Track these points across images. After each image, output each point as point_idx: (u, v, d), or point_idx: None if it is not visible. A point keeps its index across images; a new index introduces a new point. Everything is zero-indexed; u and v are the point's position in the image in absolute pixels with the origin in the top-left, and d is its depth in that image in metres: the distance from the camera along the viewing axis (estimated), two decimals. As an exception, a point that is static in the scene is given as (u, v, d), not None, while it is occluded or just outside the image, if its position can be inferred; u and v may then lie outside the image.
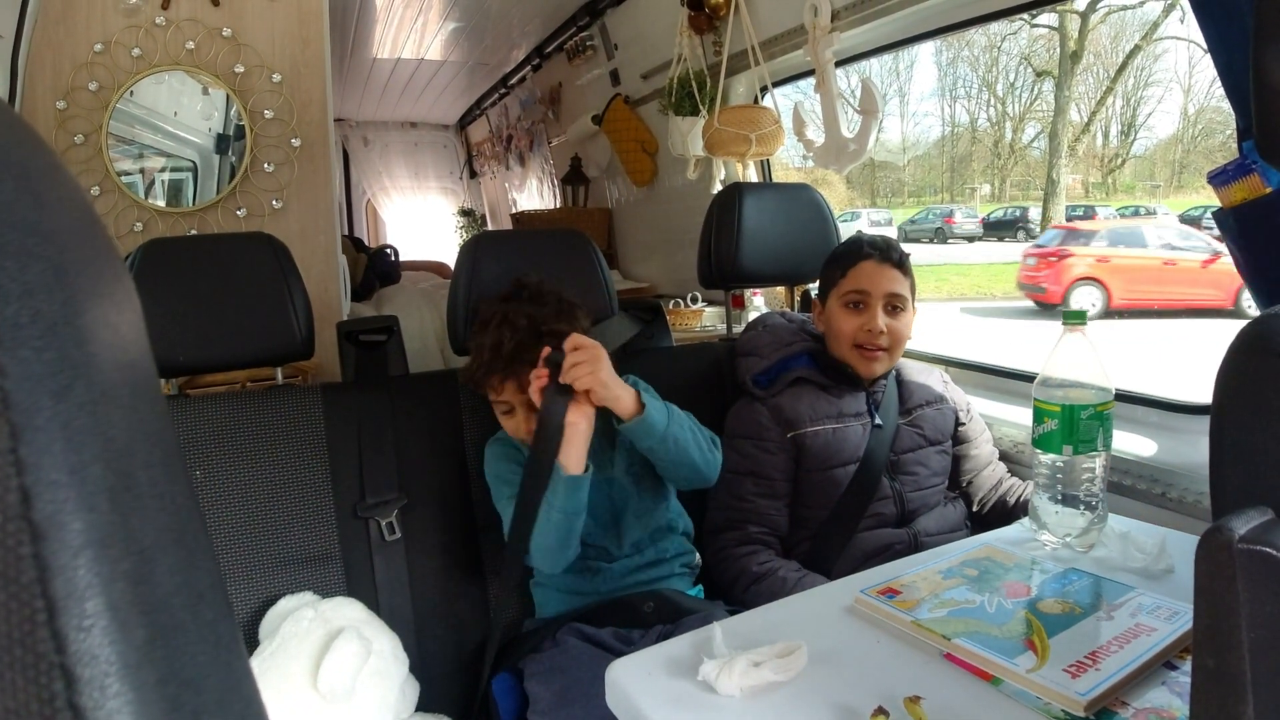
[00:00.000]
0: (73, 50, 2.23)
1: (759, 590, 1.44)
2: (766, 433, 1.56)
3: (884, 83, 22.72)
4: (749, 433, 1.57)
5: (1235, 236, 1.16)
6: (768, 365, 1.65)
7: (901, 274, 1.60)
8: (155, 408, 0.26)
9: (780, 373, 1.63)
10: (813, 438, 1.54)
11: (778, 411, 1.57)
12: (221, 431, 1.46)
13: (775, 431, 1.55)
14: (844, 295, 1.61)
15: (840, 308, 1.61)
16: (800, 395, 1.58)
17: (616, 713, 0.87)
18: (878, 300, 1.57)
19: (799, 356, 1.65)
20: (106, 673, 0.21)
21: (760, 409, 1.58)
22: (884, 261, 1.59)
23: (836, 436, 1.55)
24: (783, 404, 1.57)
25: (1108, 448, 1.12)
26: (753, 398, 1.62)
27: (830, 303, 1.64)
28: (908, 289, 1.60)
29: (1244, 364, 0.49)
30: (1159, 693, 0.79)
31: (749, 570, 1.47)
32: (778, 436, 1.55)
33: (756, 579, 1.46)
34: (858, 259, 1.61)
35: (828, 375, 1.61)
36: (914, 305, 1.64)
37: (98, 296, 0.24)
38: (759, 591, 1.43)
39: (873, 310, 1.57)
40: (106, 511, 0.21)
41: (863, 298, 1.58)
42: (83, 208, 0.25)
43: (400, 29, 4.30)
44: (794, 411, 1.56)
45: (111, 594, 0.21)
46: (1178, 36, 16.96)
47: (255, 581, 1.43)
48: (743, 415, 1.61)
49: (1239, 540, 0.40)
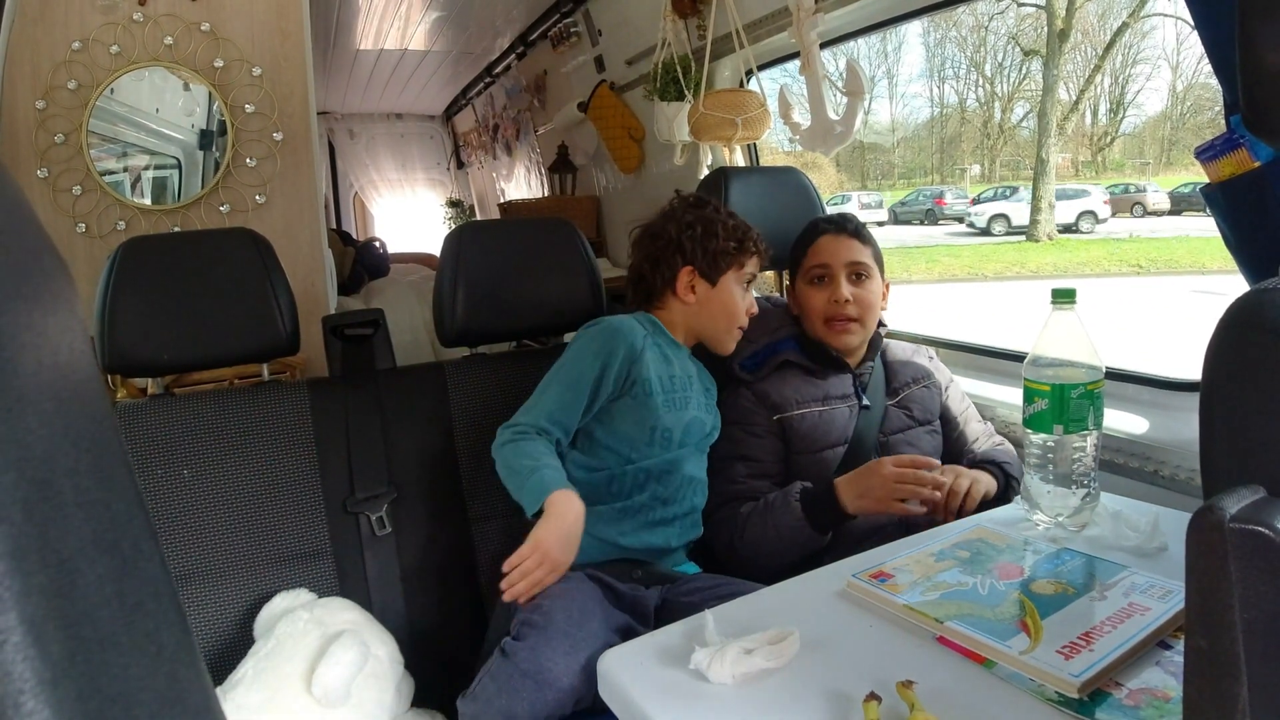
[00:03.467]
0: (51, 49, 2.20)
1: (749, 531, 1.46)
2: (753, 417, 1.57)
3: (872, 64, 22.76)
4: (736, 418, 1.58)
5: (1223, 211, 1.16)
6: (754, 350, 1.65)
7: (860, 243, 1.63)
8: (90, 412, 0.25)
9: (767, 357, 1.64)
10: (799, 421, 1.55)
11: (764, 396, 1.58)
12: (208, 430, 1.45)
13: (762, 415, 1.56)
14: (808, 272, 1.64)
15: (806, 285, 1.65)
16: (786, 379, 1.59)
17: (609, 703, 0.87)
18: (840, 270, 1.60)
19: (785, 341, 1.66)
20: (20, 690, 0.19)
21: (746, 394, 1.60)
22: (840, 233, 1.64)
23: (823, 419, 1.56)
24: (769, 388, 1.58)
25: (1099, 426, 1.11)
26: (739, 383, 1.63)
27: (798, 283, 1.68)
28: (869, 257, 1.63)
29: (1233, 340, 0.48)
30: (1153, 673, 0.79)
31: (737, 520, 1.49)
32: (764, 420, 1.56)
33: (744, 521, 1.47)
34: (815, 235, 1.66)
35: (812, 358, 1.62)
36: (882, 276, 1.66)
37: (20, 299, 0.22)
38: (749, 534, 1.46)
39: (836, 280, 1.60)
40: (20, 522, 0.20)
41: (825, 270, 1.62)
42: (8, 205, 0.24)
43: (383, 19, 4.27)
44: (780, 395, 1.57)
45: (25, 608, 0.20)
46: (1165, 13, 17.00)
47: (246, 579, 1.42)
48: (729, 402, 1.62)
49: (1230, 520, 0.39)
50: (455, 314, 1.59)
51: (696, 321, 1.55)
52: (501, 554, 1.49)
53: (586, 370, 1.40)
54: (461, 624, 1.53)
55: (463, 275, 1.58)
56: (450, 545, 1.56)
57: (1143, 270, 12.52)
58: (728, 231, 1.54)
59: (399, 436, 1.55)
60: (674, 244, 1.54)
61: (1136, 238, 14.38)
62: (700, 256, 1.53)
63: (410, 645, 1.47)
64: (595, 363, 1.41)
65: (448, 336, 1.61)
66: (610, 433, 1.43)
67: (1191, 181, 15.22)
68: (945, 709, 0.74)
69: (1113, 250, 13.56)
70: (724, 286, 1.54)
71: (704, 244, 1.53)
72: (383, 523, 1.49)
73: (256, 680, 1.25)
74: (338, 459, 1.51)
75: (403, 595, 1.50)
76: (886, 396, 1.63)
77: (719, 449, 1.58)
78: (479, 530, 1.57)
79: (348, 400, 1.54)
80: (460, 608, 1.53)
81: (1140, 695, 0.75)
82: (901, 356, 1.70)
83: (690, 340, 1.58)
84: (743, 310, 1.55)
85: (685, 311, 1.55)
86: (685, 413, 1.47)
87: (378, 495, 1.50)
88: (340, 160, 6.98)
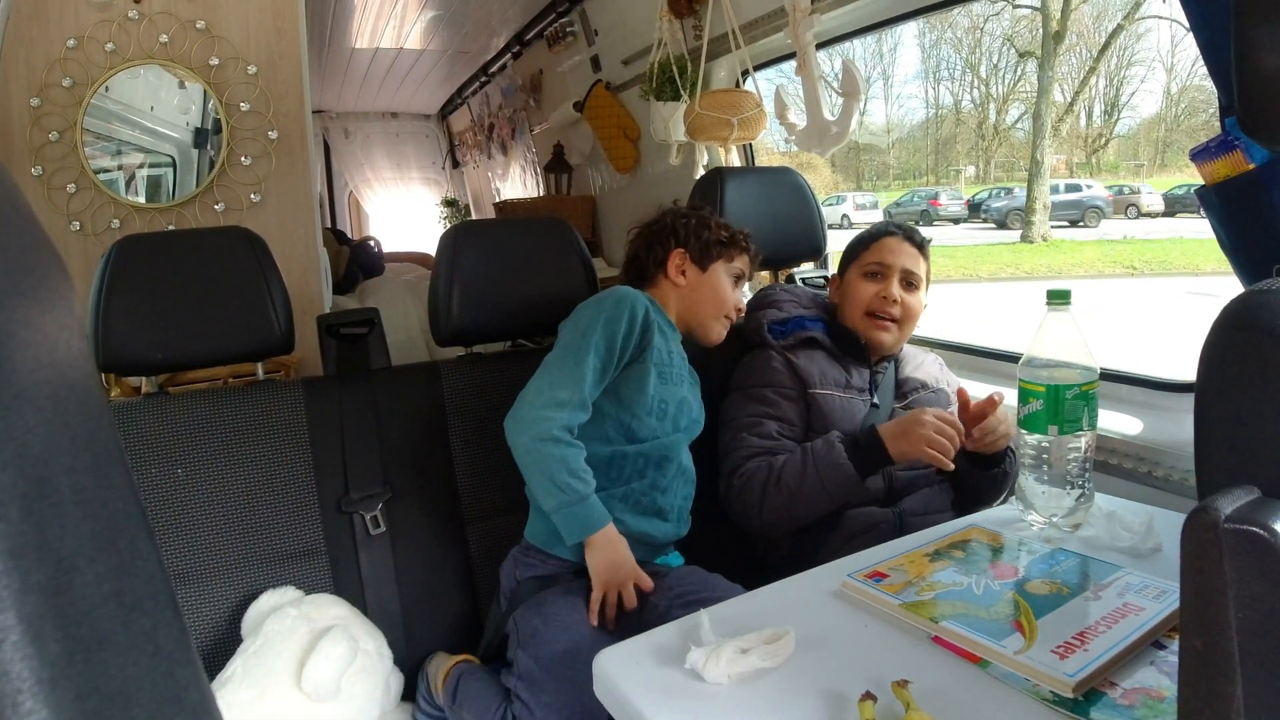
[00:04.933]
0: (46, 46, 2.19)
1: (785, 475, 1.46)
2: (787, 380, 1.59)
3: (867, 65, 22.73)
4: (768, 380, 1.60)
5: (1218, 213, 1.16)
6: (784, 317, 1.70)
7: (920, 255, 1.67)
8: (87, 410, 0.24)
9: (795, 329, 1.67)
10: (824, 400, 1.57)
11: (794, 366, 1.60)
12: (203, 428, 1.44)
13: (793, 381, 1.59)
14: (864, 266, 1.68)
15: (859, 277, 1.68)
16: (813, 357, 1.62)
17: (604, 702, 0.87)
18: (895, 271, 1.64)
19: (814, 320, 1.70)
20: (19, 689, 0.19)
21: (777, 358, 1.62)
22: (906, 240, 1.68)
23: (841, 405, 1.58)
24: (797, 361, 1.60)
25: (1093, 427, 1.12)
26: (768, 348, 1.65)
27: (850, 274, 1.70)
28: (923, 271, 1.67)
29: (1228, 340, 0.48)
30: (1148, 672, 0.79)
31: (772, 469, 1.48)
32: (797, 387, 1.59)
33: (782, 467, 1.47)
34: (881, 235, 1.70)
35: (838, 344, 1.65)
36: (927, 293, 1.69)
37: (18, 295, 0.22)
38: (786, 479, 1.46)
39: (890, 280, 1.64)
40: (18, 520, 0.20)
41: (882, 269, 1.65)
42: (5, 202, 0.24)
43: (379, 18, 4.26)
44: (807, 370, 1.59)
45: (24, 606, 0.20)
46: (1160, 15, 17.01)
47: (240, 578, 1.42)
48: (759, 364, 1.63)
49: (1225, 520, 0.39)
50: (450, 313, 1.58)
51: (686, 305, 1.57)
52: (495, 553, 1.50)
53: (615, 335, 1.40)
54: (456, 623, 1.53)
55: (458, 275, 1.58)
56: (445, 544, 1.55)
57: (1137, 272, 12.54)
58: (720, 225, 1.61)
59: (394, 436, 1.55)
60: (668, 229, 1.60)
61: (1130, 239, 14.40)
62: (693, 241, 1.58)
63: (405, 643, 1.47)
64: (617, 327, 1.40)
65: (443, 336, 1.61)
66: (615, 401, 1.43)
67: (1186, 183, 15.26)
68: (940, 708, 0.74)
69: (1107, 251, 13.58)
70: (714, 273, 1.58)
71: (697, 232, 1.59)
72: (377, 522, 1.49)
73: (246, 677, 1.25)
74: (332, 458, 1.51)
75: (397, 595, 1.49)
76: (895, 400, 1.64)
77: (747, 409, 1.59)
78: (473, 529, 1.57)
79: (342, 399, 1.54)
80: (455, 607, 1.53)
81: (1135, 695, 0.75)
82: (914, 361, 1.72)
83: (680, 325, 1.58)
84: (731, 301, 1.58)
85: (676, 294, 1.57)
86: (679, 389, 1.49)
87: (372, 495, 1.50)
88: (335, 159, 6.97)
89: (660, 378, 1.45)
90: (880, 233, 1.71)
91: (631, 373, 1.43)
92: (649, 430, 1.43)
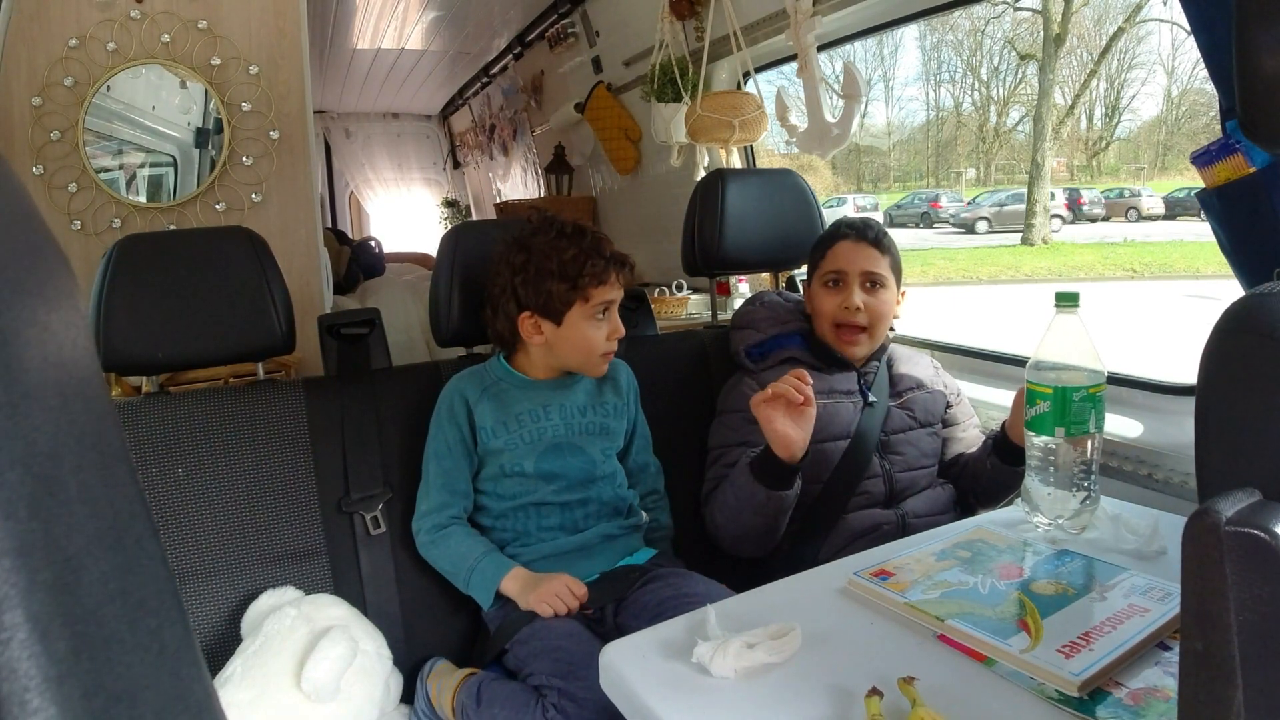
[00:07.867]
0: (47, 46, 2.19)
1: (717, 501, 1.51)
2: None
3: (868, 68, 22.78)
4: (739, 406, 1.58)
5: (1219, 216, 1.16)
6: (761, 339, 1.67)
7: (879, 252, 1.62)
8: (93, 408, 0.24)
9: (773, 349, 1.65)
10: None
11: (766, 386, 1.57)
12: (203, 428, 1.44)
13: None
14: (823, 275, 1.64)
15: (820, 287, 1.64)
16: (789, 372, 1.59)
17: (611, 695, 0.87)
18: (854, 278, 1.60)
19: (792, 335, 1.67)
20: (26, 687, 0.19)
21: (749, 383, 1.60)
22: (860, 240, 1.62)
23: (827, 411, 1.54)
24: (772, 379, 1.57)
25: (1100, 429, 1.11)
26: (744, 371, 1.65)
27: (813, 285, 1.67)
28: (886, 267, 1.62)
29: (1229, 344, 0.48)
30: (1152, 673, 0.79)
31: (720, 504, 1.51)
32: None
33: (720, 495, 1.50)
34: (835, 239, 1.65)
35: (817, 356, 1.63)
36: (899, 285, 1.65)
37: (24, 293, 0.22)
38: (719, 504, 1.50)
39: (849, 288, 1.59)
40: (25, 519, 0.20)
41: (840, 276, 1.61)
42: (12, 200, 0.24)
43: (380, 18, 4.26)
44: None
45: (31, 605, 0.20)
46: (1160, 19, 17.04)
47: (240, 578, 1.41)
48: (733, 390, 1.63)
49: (1226, 523, 0.39)
50: (451, 314, 1.58)
51: (554, 358, 1.50)
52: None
53: (448, 436, 1.47)
54: (456, 624, 1.53)
55: (459, 275, 1.58)
56: (445, 545, 1.55)
57: (1137, 274, 12.55)
58: (562, 268, 1.41)
59: (394, 436, 1.55)
60: (507, 289, 1.46)
61: (1130, 242, 14.41)
62: (534, 299, 1.43)
63: (405, 644, 1.46)
64: (450, 427, 1.47)
65: (443, 336, 1.61)
66: (487, 481, 1.49)
67: (1186, 186, 15.27)
68: (946, 706, 0.74)
69: (1107, 254, 13.60)
70: (570, 323, 1.44)
71: (536, 285, 1.42)
72: (377, 522, 1.49)
73: (245, 677, 1.24)
74: (333, 458, 1.50)
75: (397, 595, 1.49)
76: (891, 398, 1.63)
77: (718, 437, 1.60)
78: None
79: (343, 399, 1.54)
80: (454, 608, 1.53)
81: (1141, 694, 0.76)
82: (906, 361, 1.70)
83: (556, 372, 1.53)
84: (600, 341, 1.46)
85: (540, 350, 1.49)
86: (541, 438, 1.48)
87: (372, 495, 1.50)
88: (336, 159, 6.97)
89: (511, 444, 1.47)
90: (833, 236, 1.66)
91: (483, 455, 1.49)
92: (522, 490, 1.47)
